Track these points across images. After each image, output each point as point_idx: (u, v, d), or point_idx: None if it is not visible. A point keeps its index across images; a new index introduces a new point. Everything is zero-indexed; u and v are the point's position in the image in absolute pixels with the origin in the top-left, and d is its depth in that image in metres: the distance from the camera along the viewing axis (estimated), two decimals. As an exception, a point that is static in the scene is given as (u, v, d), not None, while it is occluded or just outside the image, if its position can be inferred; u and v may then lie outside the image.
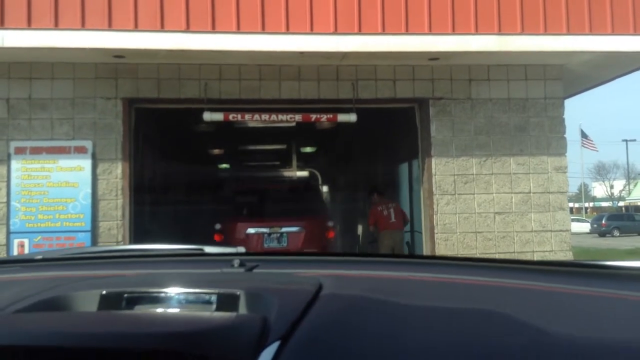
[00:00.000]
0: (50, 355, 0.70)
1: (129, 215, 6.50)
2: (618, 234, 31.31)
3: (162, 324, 0.77)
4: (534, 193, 7.03)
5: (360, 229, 12.81)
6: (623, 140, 51.48)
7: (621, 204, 54.63)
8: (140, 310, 0.92)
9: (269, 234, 8.38)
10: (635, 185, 56.86)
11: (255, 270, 1.19)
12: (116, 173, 6.40)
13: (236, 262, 1.20)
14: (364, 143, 11.71)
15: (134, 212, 6.71)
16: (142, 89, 6.61)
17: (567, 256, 7.00)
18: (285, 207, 8.89)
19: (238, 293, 0.90)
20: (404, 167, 9.44)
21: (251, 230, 8.39)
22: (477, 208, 6.95)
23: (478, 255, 6.87)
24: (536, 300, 1.01)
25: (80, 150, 6.31)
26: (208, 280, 1.08)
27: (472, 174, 6.97)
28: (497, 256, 6.90)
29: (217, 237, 8.34)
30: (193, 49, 5.87)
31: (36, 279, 1.21)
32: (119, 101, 6.54)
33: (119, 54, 6.23)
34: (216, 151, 13.54)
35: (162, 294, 0.95)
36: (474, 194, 6.96)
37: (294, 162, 14.91)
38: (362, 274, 1.22)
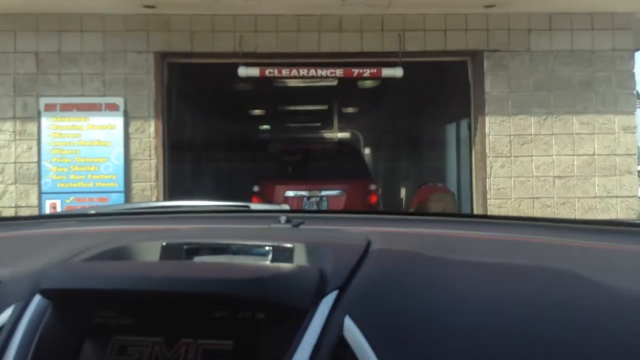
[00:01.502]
0: (119, 299, 0.76)
1: (162, 176, 6.22)
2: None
3: (223, 271, 0.78)
4: (598, 155, 6.38)
5: (404, 192, 12.33)
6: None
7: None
8: (200, 259, 0.93)
9: (309, 197, 8.01)
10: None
11: (302, 227, 1.18)
12: (149, 132, 6.09)
13: (283, 218, 1.20)
14: (410, 101, 11.08)
15: (168, 173, 6.43)
16: (175, 42, 6.23)
17: (634, 225, 6.37)
18: (326, 169, 8.47)
19: (292, 246, 0.92)
20: (453, 128, 8.84)
21: (290, 193, 8.03)
22: (535, 171, 6.36)
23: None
24: (598, 258, 0.99)
25: (112, 108, 6.02)
26: (260, 235, 1.08)
27: (530, 134, 6.37)
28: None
29: (254, 199, 8.01)
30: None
31: (94, 232, 1.23)
32: (151, 55, 6.19)
33: (150, 4, 5.85)
34: (254, 111, 13.16)
35: (220, 246, 0.96)
36: (531, 156, 6.37)
37: (335, 123, 14.45)
38: (410, 231, 1.21)
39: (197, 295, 0.72)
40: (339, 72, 6.23)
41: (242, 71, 6.17)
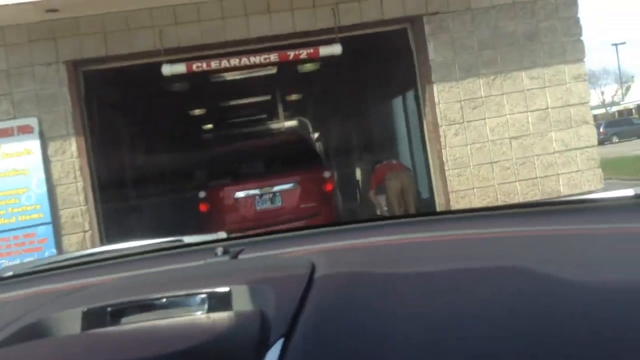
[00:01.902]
0: None
1: (93, 199, 5.63)
2: (617, 140, 30.57)
3: (152, 340, 0.72)
4: (552, 108, 6.15)
5: (359, 172, 12.01)
6: (613, 45, 49.92)
7: (614, 109, 53.66)
8: (127, 323, 0.83)
9: (261, 195, 7.53)
10: (627, 89, 56.04)
11: (240, 256, 1.12)
12: (71, 152, 5.48)
13: (219, 250, 1.13)
14: (354, 79, 10.70)
15: (100, 194, 5.84)
16: (87, 47, 5.61)
17: (596, 174, 6.20)
18: (276, 163, 8.01)
19: (229, 290, 0.83)
20: (400, 101, 8.51)
21: (240, 194, 7.54)
22: (490, 135, 6.09)
23: (495, 188, 6.06)
24: (543, 247, 0.96)
25: (25, 130, 5.38)
26: (194, 276, 1.00)
27: (481, 97, 6.08)
28: (517, 185, 6.10)
29: (202, 207, 7.49)
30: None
31: (8, 300, 1.14)
32: (62, 66, 5.55)
33: (53, 7, 5.21)
34: (194, 112, 12.49)
35: (147, 302, 0.86)
36: (484, 119, 6.08)
37: (281, 113, 13.95)
38: (355, 244, 1.14)
39: None
40: (273, 57, 5.76)
41: (167, 69, 5.62)
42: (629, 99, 53.41)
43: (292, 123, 14.16)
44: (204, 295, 0.83)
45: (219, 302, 0.81)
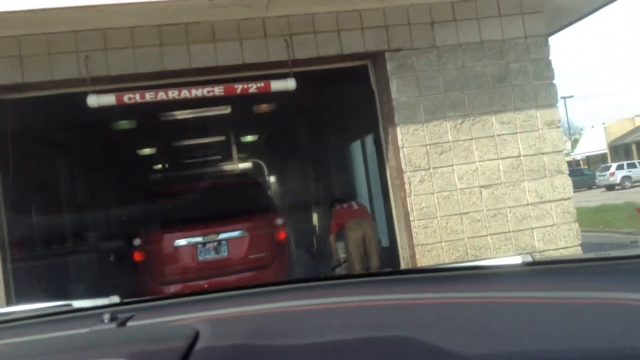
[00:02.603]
0: None
1: (1, 256, 4.72)
2: (570, 191, 31.08)
3: None
4: (524, 156, 5.65)
5: (316, 218, 11.32)
6: (561, 98, 51.94)
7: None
8: None
9: (204, 244, 6.73)
10: (575, 141, 58.03)
11: (128, 324, 1.09)
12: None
13: (106, 316, 1.11)
14: (310, 118, 10.12)
15: (9, 245, 4.93)
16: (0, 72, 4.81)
17: (572, 229, 5.67)
18: (223, 207, 7.23)
19: None
20: (361, 143, 7.93)
21: (180, 242, 6.72)
22: (458, 183, 5.51)
23: (465, 242, 5.46)
24: (429, 313, 0.97)
25: None
26: (75, 344, 1.00)
27: (448, 142, 5.53)
28: (489, 239, 5.51)
29: (137, 256, 6.63)
30: (50, 7, 4.13)
31: None
32: (-34, 92, 4.73)
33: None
34: (133, 151, 11.60)
35: None
36: (452, 165, 5.52)
37: (235, 154, 13.25)
38: (242, 312, 1.14)
39: None
40: (218, 90, 5.08)
41: (93, 100, 4.86)
42: (577, 150, 55.14)
43: (246, 165, 13.47)
44: None
45: None
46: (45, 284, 6.87)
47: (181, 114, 11.09)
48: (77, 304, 1.43)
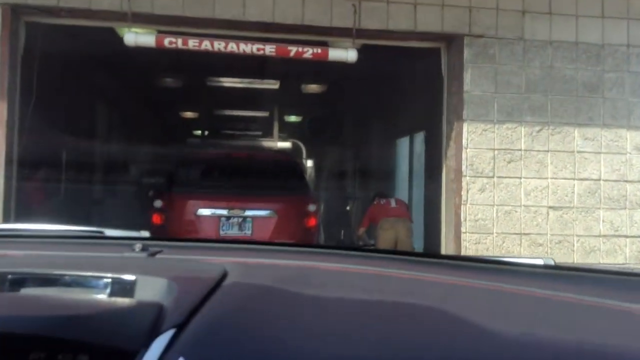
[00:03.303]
0: None
1: (3, 187, 4.26)
2: None
3: (45, 308, 0.74)
4: (605, 181, 4.88)
5: (350, 209, 10.68)
6: None
7: None
8: (26, 293, 0.84)
9: (228, 218, 6.17)
10: None
11: (158, 256, 1.11)
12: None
13: (138, 246, 1.12)
14: (364, 103, 9.42)
15: (17, 182, 4.47)
16: (34, -9, 4.32)
17: (646, 273, 4.88)
18: (255, 183, 6.65)
19: (134, 278, 0.85)
20: (419, 138, 7.22)
21: (203, 212, 6.17)
22: (524, 199, 4.79)
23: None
24: (456, 295, 0.97)
25: None
26: (104, 264, 1.00)
27: (520, 149, 4.81)
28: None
29: (156, 219, 6.12)
30: None
31: None
32: (-5, 7, 4.25)
33: None
34: (165, 101, 11.01)
35: (51, 277, 0.87)
36: (520, 177, 4.80)
37: (276, 132, 12.74)
38: (272, 262, 1.15)
39: (14, 336, 0.67)
40: (269, 48, 4.48)
41: (130, 38, 4.32)
42: None
43: (285, 145, 12.95)
44: (108, 280, 0.84)
45: (121, 289, 0.82)
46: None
47: (227, 82, 10.63)
48: (109, 232, 1.42)
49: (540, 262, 1.22)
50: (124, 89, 8.71)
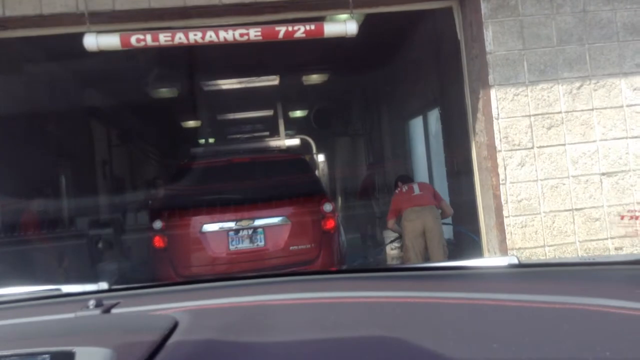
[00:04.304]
0: None
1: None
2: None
3: None
4: (664, 135, 4.16)
5: (373, 204, 10.00)
6: None
7: None
8: None
9: (236, 231, 5.56)
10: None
11: (113, 311, 1.09)
12: None
13: (92, 302, 1.10)
14: (371, 85, 8.72)
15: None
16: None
17: None
18: (262, 189, 6.01)
19: (73, 351, 0.83)
20: (437, 112, 6.51)
21: (209, 227, 5.57)
22: (572, 168, 4.09)
23: (576, 247, 4.06)
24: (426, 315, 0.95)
25: None
26: (57, 331, 1.00)
27: (560, 112, 4.10)
28: (610, 243, 4.09)
29: (157, 242, 5.53)
30: None
31: None
32: None
33: None
34: (162, 107, 10.40)
35: None
36: (564, 144, 4.10)
37: (282, 130, 12.12)
38: (221, 305, 1.14)
39: None
40: (254, 32, 3.82)
41: (91, 41, 3.69)
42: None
43: (293, 142, 12.35)
44: (45, 357, 0.83)
45: None
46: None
47: (225, 84, 10.04)
48: (66, 288, 1.41)
49: (504, 261, 1.23)
50: (110, 99, 8.12)
